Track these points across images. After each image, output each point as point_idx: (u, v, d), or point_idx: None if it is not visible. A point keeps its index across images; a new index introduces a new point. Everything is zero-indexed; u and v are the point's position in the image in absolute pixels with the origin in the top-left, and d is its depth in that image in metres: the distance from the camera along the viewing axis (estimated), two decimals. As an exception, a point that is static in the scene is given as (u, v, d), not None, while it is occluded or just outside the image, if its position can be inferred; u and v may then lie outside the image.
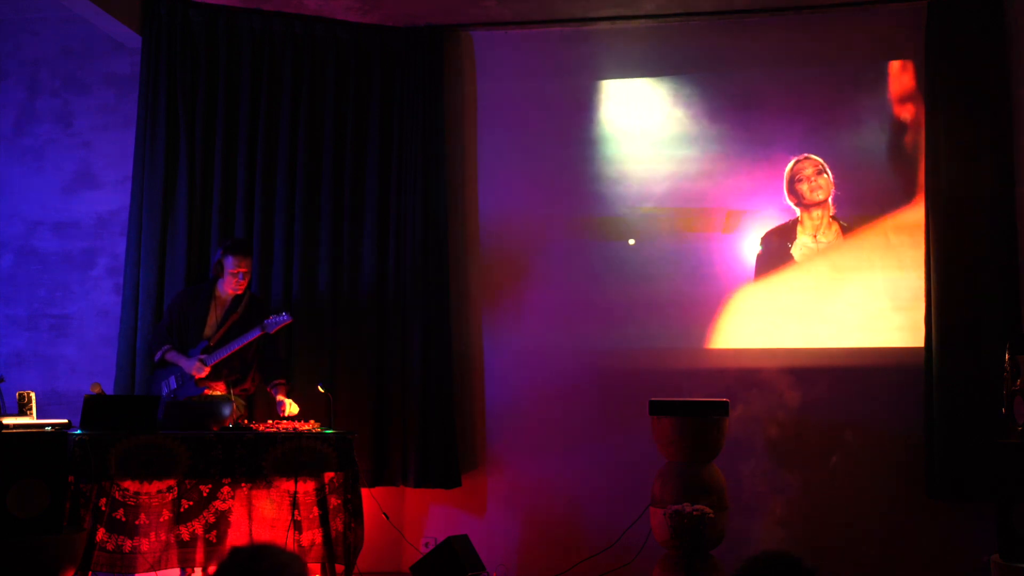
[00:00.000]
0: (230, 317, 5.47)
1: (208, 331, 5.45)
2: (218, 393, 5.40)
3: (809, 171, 6.06)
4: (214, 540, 4.97)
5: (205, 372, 5.31)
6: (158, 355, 5.48)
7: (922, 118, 5.89)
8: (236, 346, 5.35)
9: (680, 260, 6.14)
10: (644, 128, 6.25)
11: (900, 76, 6.02)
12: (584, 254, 6.21)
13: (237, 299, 5.50)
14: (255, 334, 5.34)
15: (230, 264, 5.39)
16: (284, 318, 5.34)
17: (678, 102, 6.23)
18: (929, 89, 5.84)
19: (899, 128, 6.01)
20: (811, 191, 6.04)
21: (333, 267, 6.09)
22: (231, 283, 5.43)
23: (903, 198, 5.97)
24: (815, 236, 6.04)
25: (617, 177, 6.24)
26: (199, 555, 4.95)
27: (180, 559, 4.92)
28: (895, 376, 5.86)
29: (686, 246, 6.15)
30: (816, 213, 6.05)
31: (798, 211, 6.08)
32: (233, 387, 5.44)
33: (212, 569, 4.96)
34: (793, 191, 6.09)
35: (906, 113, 6.00)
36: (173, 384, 5.40)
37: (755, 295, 6.07)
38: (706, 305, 6.10)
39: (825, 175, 6.04)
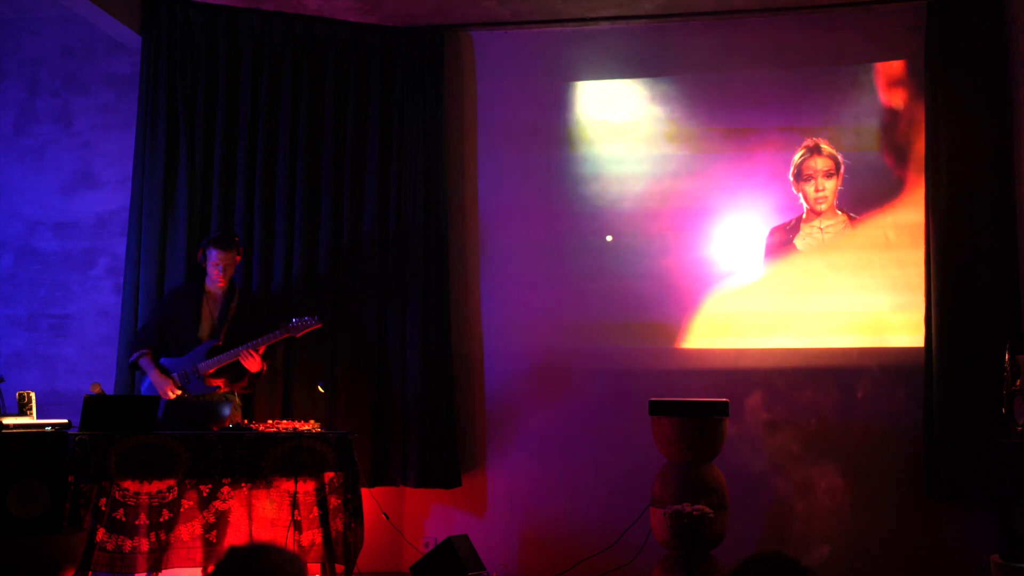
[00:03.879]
0: (228, 313, 5.48)
1: (205, 329, 5.45)
2: (220, 392, 5.41)
3: (820, 166, 6.03)
4: (214, 540, 4.96)
5: (170, 395, 5.30)
6: (132, 358, 5.45)
7: (922, 117, 5.89)
8: (261, 344, 5.35)
9: (680, 260, 6.15)
10: (643, 127, 6.25)
11: (898, 76, 6.02)
12: (586, 254, 6.21)
13: (228, 295, 5.51)
14: (278, 335, 5.35)
15: (213, 256, 5.41)
16: (313, 321, 5.36)
17: (677, 102, 6.23)
18: (929, 89, 5.84)
19: (898, 128, 6.01)
20: (816, 200, 6.03)
21: (333, 267, 6.09)
22: (212, 274, 5.44)
23: (901, 198, 5.97)
24: (821, 228, 6.04)
25: (617, 175, 6.24)
26: (199, 555, 4.94)
27: (180, 559, 4.91)
28: (895, 376, 5.86)
29: (686, 246, 6.15)
30: (822, 207, 6.05)
31: (804, 206, 6.07)
32: (233, 383, 5.45)
33: (212, 569, 4.95)
34: (799, 185, 6.08)
35: (905, 113, 5.99)
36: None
37: (755, 295, 6.07)
38: (706, 305, 6.11)
39: (834, 177, 6.02)
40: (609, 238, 6.18)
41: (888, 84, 6.03)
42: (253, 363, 5.33)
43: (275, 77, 6.14)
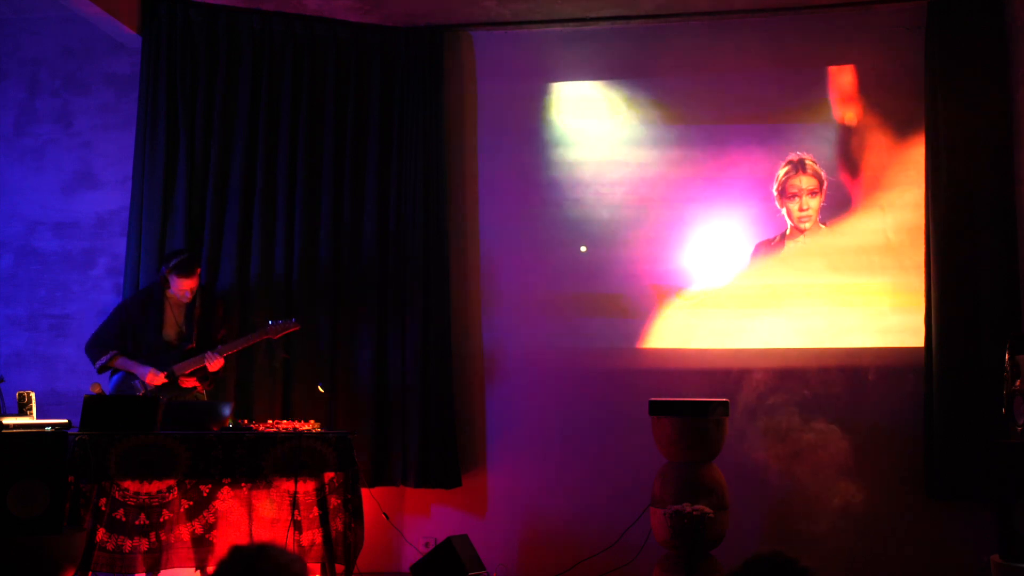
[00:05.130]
0: (195, 315, 5.50)
1: (170, 333, 5.47)
2: (196, 392, 5.46)
3: (805, 185, 6.02)
4: (214, 540, 4.96)
5: (161, 380, 5.32)
6: (103, 360, 5.45)
7: (922, 118, 5.88)
8: (236, 347, 5.42)
9: (679, 261, 6.15)
10: (642, 127, 6.25)
11: (896, 76, 6.01)
12: (586, 255, 6.21)
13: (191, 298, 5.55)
14: (257, 337, 5.39)
15: (176, 284, 5.44)
16: (290, 323, 5.43)
17: (676, 102, 6.23)
18: (929, 89, 5.84)
19: (896, 127, 6.00)
20: (800, 219, 6.03)
21: (333, 267, 6.09)
22: (177, 295, 5.47)
23: (899, 198, 5.97)
24: (805, 244, 6.05)
25: (617, 175, 6.24)
26: (199, 555, 4.94)
27: (180, 559, 4.91)
28: (895, 376, 5.86)
29: (685, 245, 6.15)
30: (806, 225, 6.05)
31: (788, 223, 6.06)
32: (202, 382, 5.47)
33: (212, 569, 4.95)
34: (783, 201, 6.06)
35: (903, 112, 5.98)
36: (143, 387, 5.40)
37: (756, 295, 6.07)
38: (707, 305, 6.11)
39: (818, 195, 6.01)
40: (583, 248, 6.18)
41: (884, 84, 6.02)
42: (216, 363, 5.39)
43: (275, 77, 6.14)
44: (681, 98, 6.23)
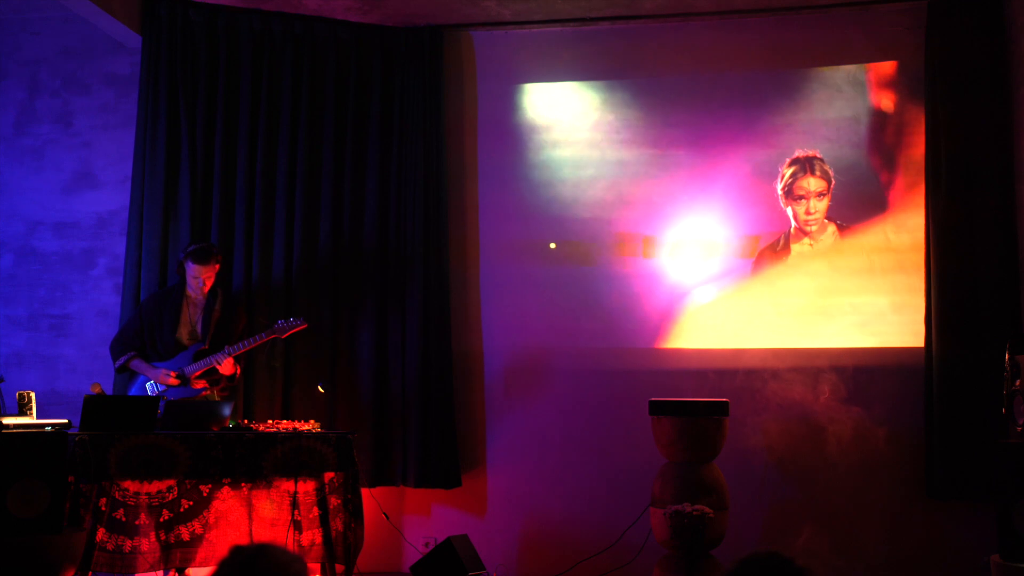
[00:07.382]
0: (212, 317, 5.49)
1: (184, 333, 5.46)
2: (205, 393, 5.44)
3: (813, 187, 6.01)
4: (214, 540, 4.96)
5: (173, 381, 5.32)
6: (121, 360, 5.47)
7: (921, 118, 5.88)
8: (244, 347, 5.40)
9: (679, 261, 6.15)
10: (641, 126, 6.25)
11: (892, 77, 6.01)
12: (584, 255, 6.20)
13: (211, 298, 5.53)
14: (264, 337, 5.37)
15: (191, 270, 5.44)
16: (298, 322, 5.41)
17: (676, 101, 6.23)
18: (929, 89, 5.84)
19: (897, 127, 6.00)
20: (806, 223, 6.02)
21: (333, 266, 6.09)
22: (192, 286, 5.48)
23: (900, 198, 5.97)
24: (811, 245, 6.03)
25: (618, 175, 6.24)
26: (199, 555, 4.94)
27: (180, 559, 4.91)
28: (895, 376, 5.86)
29: (685, 245, 6.15)
30: (812, 228, 6.04)
31: (793, 224, 6.06)
32: (214, 386, 5.47)
33: (212, 569, 4.95)
34: (789, 202, 6.05)
35: (904, 113, 5.99)
36: (159, 387, 5.40)
37: (755, 295, 6.07)
38: (705, 305, 6.11)
39: (826, 197, 5.99)
40: (552, 245, 6.18)
41: (882, 86, 6.02)
42: (226, 367, 5.37)
43: (275, 77, 6.14)
44: (681, 97, 6.23)
